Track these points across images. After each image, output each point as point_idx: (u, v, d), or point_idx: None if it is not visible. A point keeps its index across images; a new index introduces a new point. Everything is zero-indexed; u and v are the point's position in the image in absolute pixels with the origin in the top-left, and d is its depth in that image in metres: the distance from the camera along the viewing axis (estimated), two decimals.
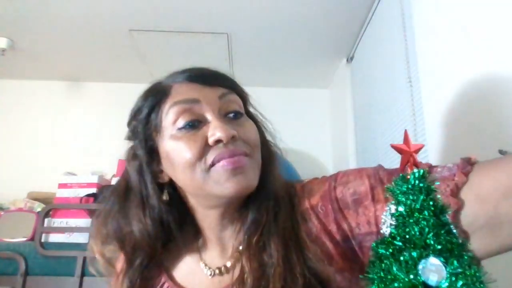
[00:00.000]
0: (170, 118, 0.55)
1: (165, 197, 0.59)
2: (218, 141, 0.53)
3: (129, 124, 0.62)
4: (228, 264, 0.59)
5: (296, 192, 0.60)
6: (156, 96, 0.58)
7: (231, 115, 0.57)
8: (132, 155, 0.61)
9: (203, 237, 0.63)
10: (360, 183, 0.53)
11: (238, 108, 0.58)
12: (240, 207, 0.58)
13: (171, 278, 0.62)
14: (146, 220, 0.58)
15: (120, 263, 0.64)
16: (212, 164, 0.53)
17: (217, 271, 0.59)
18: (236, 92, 0.60)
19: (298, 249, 0.52)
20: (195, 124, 0.55)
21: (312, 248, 0.52)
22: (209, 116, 0.55)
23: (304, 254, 0.52)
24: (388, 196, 0.50)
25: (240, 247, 0.57)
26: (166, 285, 0.62)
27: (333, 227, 0.53)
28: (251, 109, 0.66)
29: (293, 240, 0.53)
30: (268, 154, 0.61)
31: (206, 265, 0.61)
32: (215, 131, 0.53)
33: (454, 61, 1.10)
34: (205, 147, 0.53)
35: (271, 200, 0.57)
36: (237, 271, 0.55)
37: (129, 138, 0.63)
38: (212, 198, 0.56)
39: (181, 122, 0.54)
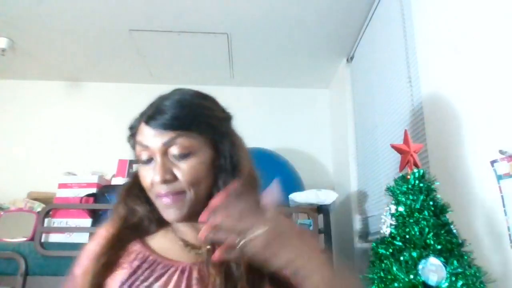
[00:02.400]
0: (137, 150, 0.71)
1: None
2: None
3: (128, 130, 0.76)
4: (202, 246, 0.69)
5: None
6: (135, 123, 0.74)
7: (175, 157, 0.69)
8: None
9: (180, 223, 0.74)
10: None
11: (181, 151, 0.68)
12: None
13: (147, 248, 0.71)
14: (143, 200, 0.74)
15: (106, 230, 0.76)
16: (157, 196, 0.69)
17: (194, 250, 0.70)
18: (195, 129, 0.70)
19: None
20: (150, 160, 0.69)
21: None
22: (156, 158, 0.68)
23: None
24: None
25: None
26: (138, 249, 0.71)
27: None
28: (228, 130, 0.76)
29: None
30: (222, 181, 0.71)
31: (183, 240, 0.72)
32: (154, 174, 0.67)
33: (454, 61, 1.10)
34: (153, 181, 0.69)
35: None
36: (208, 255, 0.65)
37: (128, 142, 0.77)
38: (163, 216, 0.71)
39: (141, 157, 0.70)
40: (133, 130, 0.73)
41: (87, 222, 1.69)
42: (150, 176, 0.69)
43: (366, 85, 1.94)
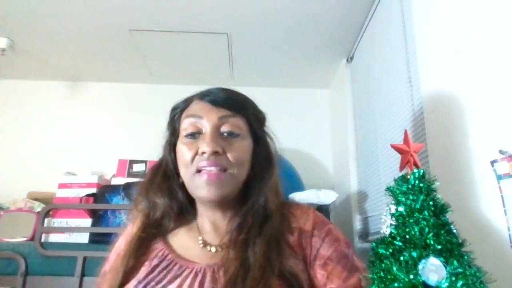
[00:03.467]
0: (183, 125, 0.73)
1: (180, 180, 0.75)
2: (204, 152, 0.68)
3: (170, 112, 0.80)
4: (222, 244, 0.71)
5: (290, 211, 0.75)
6: (184, 103, 0.78)
7: (225, 134, 0.71)
8: (165, 142, 0.80)
9: (201, 218, 0.77)
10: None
11: (233, 129, 0.71)
12: (230, 208, 0.73)
13: (168, 246, 0.73)
14: (164, 191, 0.76)
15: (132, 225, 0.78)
16: (197, 171, 0.68)
17: (213, 249, 0.71)
18: (244, 115, 0.74)
19: (279, 253, 0.66)
20: (195, 135, 0.71)
21: (290, 255, 0.67)
22: (206, 130, 0.70)
23: (282, 257, 0.66)
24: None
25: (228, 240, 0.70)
26: (160, 246, 0.72)
27: (304, 253, 0.70)
28: (265, 129, 0.81)
29: (275, 246, 0.67)
30: (262, 172, 0.74)
31: (202, 239, 0.73)
32: (203, 144, 0.68)
33: (454, 60, 1.10)
34: (196, 155, 0.69)
35: (260, 210, 0.71)
36: (226, 253, 0.68)
37: (167, 125, 0.80)
38: (197, 197, 0.72)
39: (187, 131, 0.72)
40: (179, 109, 0.77)
41: (87, 222, 1.69)
42: (193, 150, 0.69)
43: (366, 85, 1.94)
